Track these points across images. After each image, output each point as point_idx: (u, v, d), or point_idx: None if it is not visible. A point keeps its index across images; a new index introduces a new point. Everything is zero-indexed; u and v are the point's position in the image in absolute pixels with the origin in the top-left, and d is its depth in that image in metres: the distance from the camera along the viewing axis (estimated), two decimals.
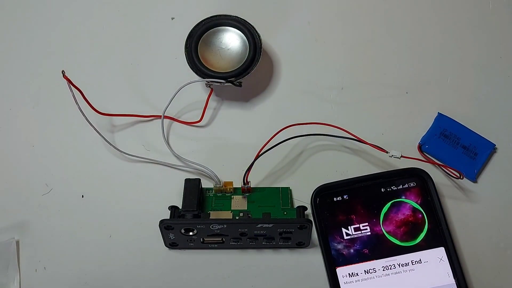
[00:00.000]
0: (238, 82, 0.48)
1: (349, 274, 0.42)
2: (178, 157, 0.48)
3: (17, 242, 0.45)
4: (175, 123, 0.50)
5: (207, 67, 0.49)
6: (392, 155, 0.44)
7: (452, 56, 0.53)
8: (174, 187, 0.46)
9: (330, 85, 0.52)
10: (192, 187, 0.45)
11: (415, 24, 0.55)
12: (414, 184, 0.45)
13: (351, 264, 0.43)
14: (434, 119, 0.49)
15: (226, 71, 0.49)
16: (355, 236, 0.44)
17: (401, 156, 0.44)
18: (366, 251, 0.43)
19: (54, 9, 0.56)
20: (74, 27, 0.55)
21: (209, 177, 0.46)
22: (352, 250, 0.43)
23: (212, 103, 0.51)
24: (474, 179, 0.47)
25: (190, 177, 0.46)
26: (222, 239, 0.43)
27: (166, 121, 0.50)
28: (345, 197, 0.45)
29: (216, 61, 0.50)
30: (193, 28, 0.50)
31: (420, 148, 0.48)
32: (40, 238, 0.46)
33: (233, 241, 0.43)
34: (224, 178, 0.46)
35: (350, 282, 0.42)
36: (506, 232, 0.45)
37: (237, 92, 0.51)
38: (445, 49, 0.53)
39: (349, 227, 0.44)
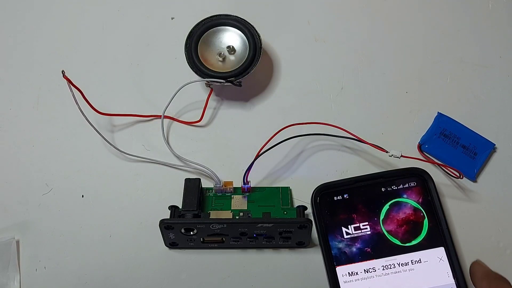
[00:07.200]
0: (238, 82, 0.48)
1: (349, 273, 0.42)
2: (178, 157, 0.48)
3: (18, 242, 0.45)
4: (175, 123, 0.50)
5: (207, 67, 0.49)
6: (392, 155, 0.44)
7: (452, 56, 0.53)
8: (174, 187, 0.46)
9: (330, 85, 0.52)
10: (192, 187, 0.45)
11: (415, 24, 0.55)
12: (414, 183, 0.45)
13: (351, 263, 0.43)
14: (434, 119, 0.49)
15: (226, 71, 0.49)
16: (355, 235, 0.44)
17: (401, 156, 0.44)
18: (366, 250, 0.43)
19: (54, 9, 0.56)
20: (74, 27, 0.55)
21: (209, 177, 0.46)
22: (352, 249, 0.43)
23: (212, 103, 0.51)
24: (473, 178, 0.47)
25: (190, 177, 0.46)
26: (222, 239, 0.43)
27: (166, 121, 0.50)
28: (345, 196, 0.45)
29: (216, 61, 0.50)
30: (193, 28, 0.50)
31: (420, 147, 0.48)
32: (40, 238, 0.46)
33: (233, 241, 0.43)
34: (224, 178, 0.46)
35: (350, 281, 0.42)
36: (505, 231, 0.45)
37: (237, 92, 0.51)
38: (445, 49, 0.53)
39: (349, 226, 0.44)
